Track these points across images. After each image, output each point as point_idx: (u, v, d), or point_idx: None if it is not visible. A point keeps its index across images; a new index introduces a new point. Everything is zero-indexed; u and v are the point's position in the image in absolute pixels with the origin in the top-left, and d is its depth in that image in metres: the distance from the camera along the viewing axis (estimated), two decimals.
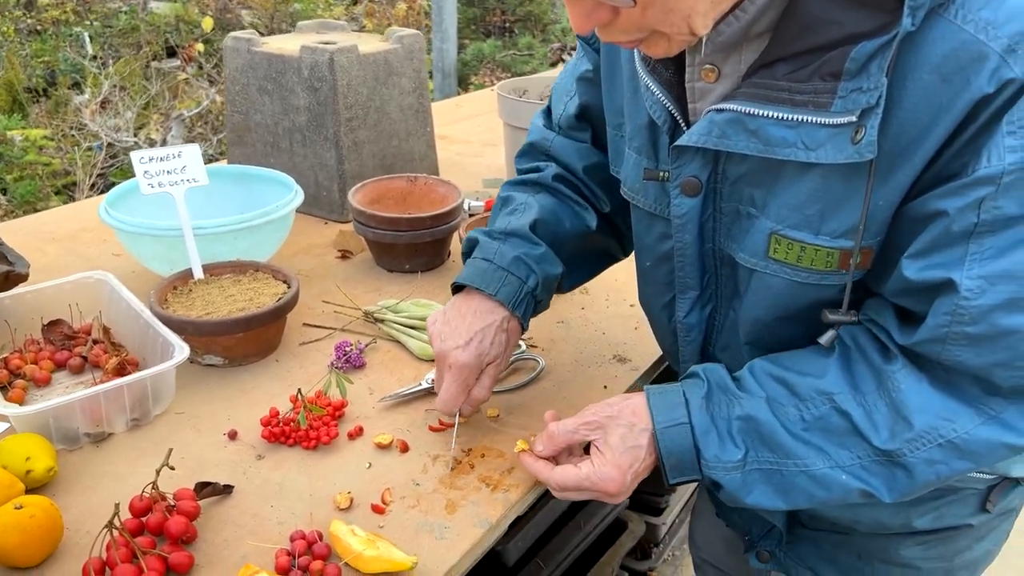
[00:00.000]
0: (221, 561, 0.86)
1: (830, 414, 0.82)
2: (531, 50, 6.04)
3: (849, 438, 0.81)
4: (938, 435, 0.77)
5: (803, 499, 0.84)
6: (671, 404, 0.88)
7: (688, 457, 0.86)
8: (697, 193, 0.88)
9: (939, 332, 0.75)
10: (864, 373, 0.82)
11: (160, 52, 5.63)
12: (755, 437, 0.85)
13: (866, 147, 0.72)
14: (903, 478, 0.80)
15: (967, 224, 0.71)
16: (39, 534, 0.83)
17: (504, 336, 1.02)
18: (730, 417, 0.86)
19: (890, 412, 0.80)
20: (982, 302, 0.72)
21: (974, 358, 0.74)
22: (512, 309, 1.02)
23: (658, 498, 2.03)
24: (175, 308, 1.19)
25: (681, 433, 0.86)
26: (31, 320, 1.22)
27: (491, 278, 1.02)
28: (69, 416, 1.00)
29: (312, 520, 0.92)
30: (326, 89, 1.64)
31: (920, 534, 1.01)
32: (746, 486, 0.85)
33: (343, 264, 1.57)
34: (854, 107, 0.72)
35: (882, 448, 0.79)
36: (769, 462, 0.84)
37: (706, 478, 0.86)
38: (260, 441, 1.04)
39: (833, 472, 0.82)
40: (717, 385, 0.88)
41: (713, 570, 1.45)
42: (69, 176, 4.13)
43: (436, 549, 0.88)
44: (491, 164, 2.17)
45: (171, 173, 1.28)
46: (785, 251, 0.83)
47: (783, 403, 0.84)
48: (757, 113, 0.77)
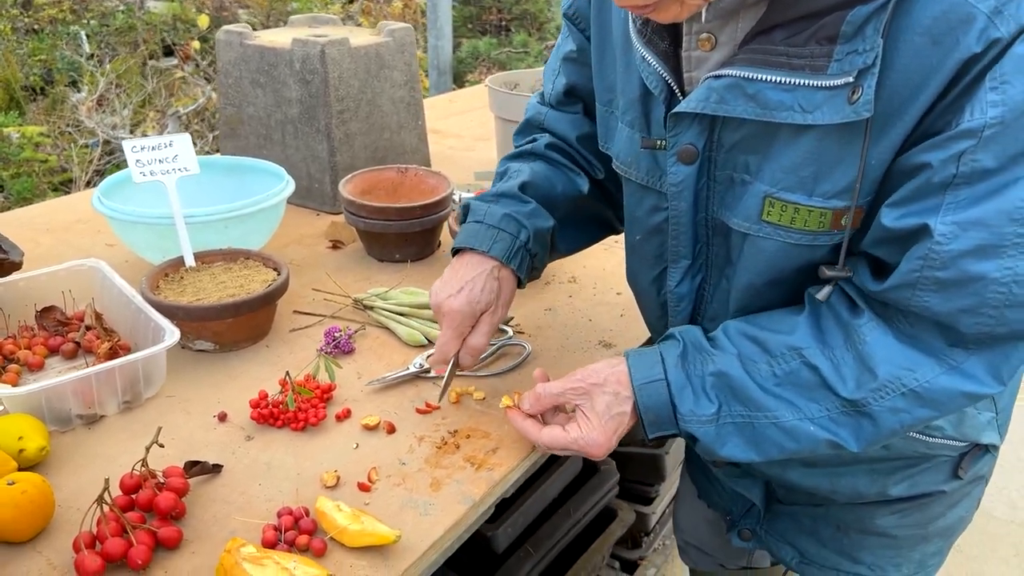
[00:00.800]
0: (210, 537, 0.88)
1: (800, 369, 0.86)
2: (526, 48, 6.06)
3: (818, 391, 0.85)
4: (901, 384, 0.81)
5: (774, 450, 0.88)
6: (649, 363, 0.93)
7: (665, 412, 0.91)
8: (693, 161, 0.90)
9: (911, 277, 0.78)
10: (832, 328, 0.86)
11: (157, 51, 5.65)
12: (727, 392, 0.89)
13: (863, 106, 0.74)
14: (869, 427, 0.84)
15: (946, 175, 0.74)
16: (31, 509, 0.85)
17: (495, 284, 1.05)
18: (704, 373, 0.90)
19: (856, 364, 0.83)
20: (953, 247, 0.75)
21: (941, 304, 0.77)
22: (507, 262, 1.05)
23: (648, 487, 2.05)
24: (166, 294, 1.21)
25: (658, 389, 0.91)
26: (24, 307, 1.24)
27: (483, 236, 1.06)
28: (61, 398, 1.02)
29: (299, 497, 0.93)
30: (318, 81, 1.66)
31: (895, 502, 1.04)
32: (720, 439, 0.89)
33: (334, 254, 1.58)
34: (850, 68, 0.74)
35: (848, 398, 0.83)
36: (741, 415, 0.88)
37: (682, 432, 0.91)
38: (249, 423, 1.06)
39: (802, 424, 0.85)
40: (692, 344, 0.92)
41: (697, 552, 1.47)
42: (66, 173, 4.14)
43: (420, 524, 0.90)
44: (483, 158, 2.19)
45: (163, 162, 1.29)
46: (779, 213, 0.85)
47: (755, 360, 0.88)
48: (755, 77, 0.79)
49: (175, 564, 0.84)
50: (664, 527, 2.14)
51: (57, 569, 0.83)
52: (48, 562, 0.84)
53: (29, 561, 0.84)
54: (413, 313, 1.31)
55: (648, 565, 2.06)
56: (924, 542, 1.08)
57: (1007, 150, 0.72)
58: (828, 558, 1.11)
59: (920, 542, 1.08)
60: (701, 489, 1.32)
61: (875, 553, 1.08)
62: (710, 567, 1.49)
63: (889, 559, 1.09)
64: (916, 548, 1.08)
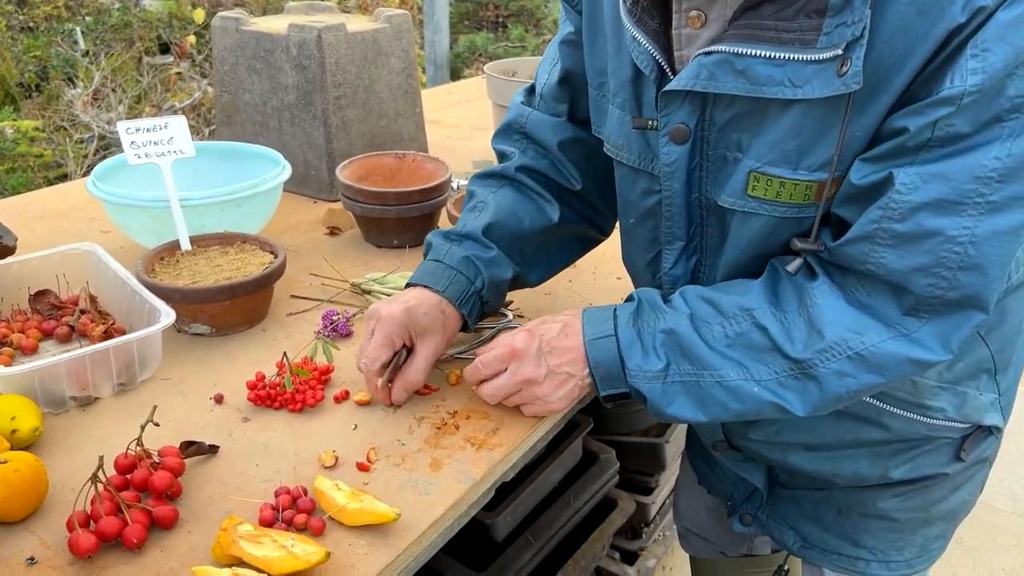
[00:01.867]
0: (206, 517, 0.86)
1: (751, 330, 0.87)
2: (523, 42, 6.05)
3: (767, 354, 0.86)
4: (847, 347, 0.81)
5: (719, 410, 0.88)
6: (601, 319, 0.94)
7: (615, 368, 0.92)
8: (685, 140, 0.89)
9: (869, 228, 0.78)
10: (787, 293, 0.86)
11: (153, 47, 5.63)
12: (676, 350, 0.89)
13: (852, 78, 0.74)
14: (815, 390, 0.84)
15: (921, 140, 0.74)
16: (23, 488, 0.83)
17: (440, 316, 1.03)
18: (655, 331, 0.91)
19: (806, 326, 0.84)
20: (913, 198, 0.75)
21: (897, 260, 0.77)
22: (458, 307, 1.04)
23: (648, 477, 2.04)
24: (162, 277, 1.20)
25: (608, 344, 0.92)
26: (18, 291, 1.22)
27: (440, 276, 1.05)
28: (55, 379, 1.01)
29: (297, 477, 0.92)
30: (314, 67, 1.64)
31: (897, 485, 1.04)
32: (667, 396, 0.90)
33: (331, 240, 1.57)
34: (839, 41, 0.73)
35: (795, 357, 0.83)
36: (689, 374, 0.89)
37: (631, 389, 0.92)
38: (246, 404, 1.05)
39: (746, 384, 0.86)
40: (647, 303, 0.94)
41: (698, 539, 1.47)
42: (61, 168, 4.12)
43: (420, 503, 0.89)
44: (481, 147, 2.17)
45: (158, 144, 1.28)
46: (764, 188, 0.85)
47: (708, 320, 0.89)
48: (745, 52, 0.78)
49: (171, 543, 0.83)
50: (664, 518, 2.13)
51: (51, 548, 0.82)
52: (41, 541, 0.82)
53: (22, 540, 0.83)
54: None
55: (648, 556, 2.05)
56: (926, 525, 1.07)
57: (981, 115, 0.72)
58: (830, 542, 1.10)
59: (922, 525, 1.07)
60: (702, 475, 1.31)
61: (877, 536, 1.07)
62: (710, 554, 1.48)
63: (891, 543, 1.08)
64: (918, 531, 1.08)
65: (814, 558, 1.13)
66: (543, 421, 1.03)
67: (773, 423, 1.02)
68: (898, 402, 0.96)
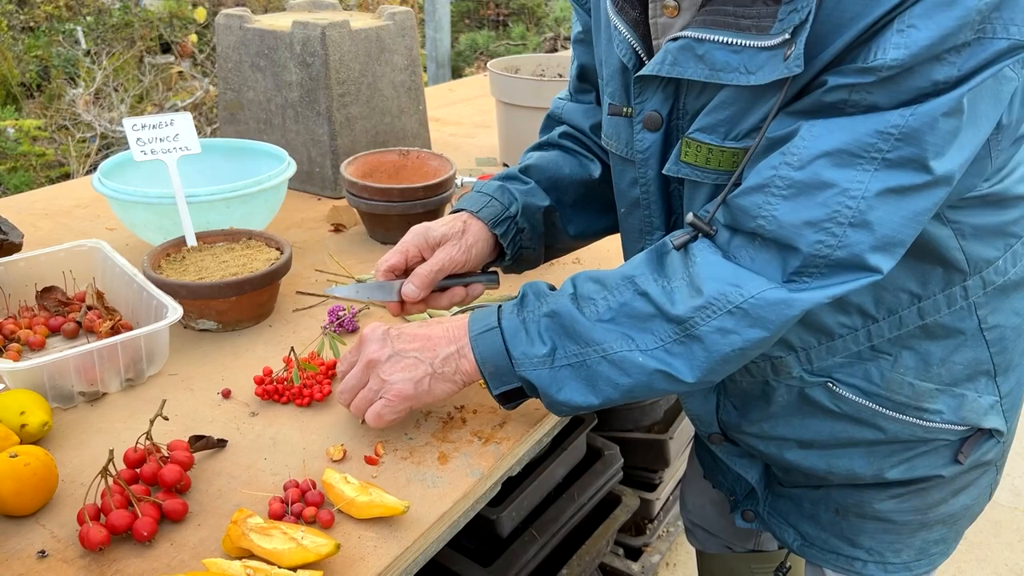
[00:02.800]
0: (215, 510, 0.87)
1: (633, 299, 0.84)
2: (524, 40, 6.05)
3: (651, 321, 0.83)
4: (727, 301, 0.79)
5: (609, 389, 0.85)
6: (485, 314, 0.92)
7: (502, 361, 0.89)
8: (658, 128, 0.90)
9: (767, 174, 0.77)
10: (672, 261, 0.85)
11: (154, 46, 5.64)
12: (560, 332, 0.87)
13: (794, 61, 0.74)
14: (700, 352, 0.81)
15: (836, 99, 0.74)
16: (34, 482, 0.84)
17: (460, 225, 1.05)
18: (538, 316, 0.89)
19: (687, 287, 0.82)
20: (813, 145, 0.74)
21: (789, 213, 0.76)
22: (492, 227, 1.06)
23: (652, 474, 2.05)
24: (168, 274, 1.20)
25: (492, 337, 0.89)
26: (25, 288, 1.22)
27: (475, 200, 1.08)
28: (63, 374, 1.01)
29: (306, 471, 0.92)
30: (318, 64, 1.65)
31: (893, 486, 1.03)
32: (556, 382, 0.87)
33: (336, 237, 1.57)
34: (788, 26, 0.74)
35: (675, 316, 0.81)
36: (575, 355, 0.86)
37: (521, 380, 0.89)
38: (254, 399, 1.05)
39: (631, 354, 0.83)
40: (533, 293, 0.92)
41: (704, 534, 1.47)
42: (63, 167, 4.13)
43: (428, 497, 0.89)
44: (484, 144, 2.18)
45: (164, 141, 1.28)
46: (695, 154, 0.85)
47: (593, 297, 0.87)
48: (704, 38, 0.79)
49: (181, 536, 0.83)
50: (668, 514, 2.13)
51: (61, 541, 0.82)
52: (52, 535, 0.83)
53: (32, 534, 0.83)
54: None
55: (653, 552, 2.05)
56: (924, 528, 1.06)
57: (900, 93, 0.72)
58: (827, 541, 1.10)
59: (920, 528, 1.06)
60: (707, 469, 1.31)
61: (874, 538, 1.06)
62: (717, 549, 1.48)
63: (888, 544, 1.06)
64: (916, 534, 1.06)
65: (813, 557, 1.12)
66: (549, 416, 1.03)
67: (765, 415, 1.01)
68: (895, 405, 0.95)
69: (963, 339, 0.93)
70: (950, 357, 0.93)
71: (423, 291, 1.03)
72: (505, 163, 1.98)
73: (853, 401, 0.95)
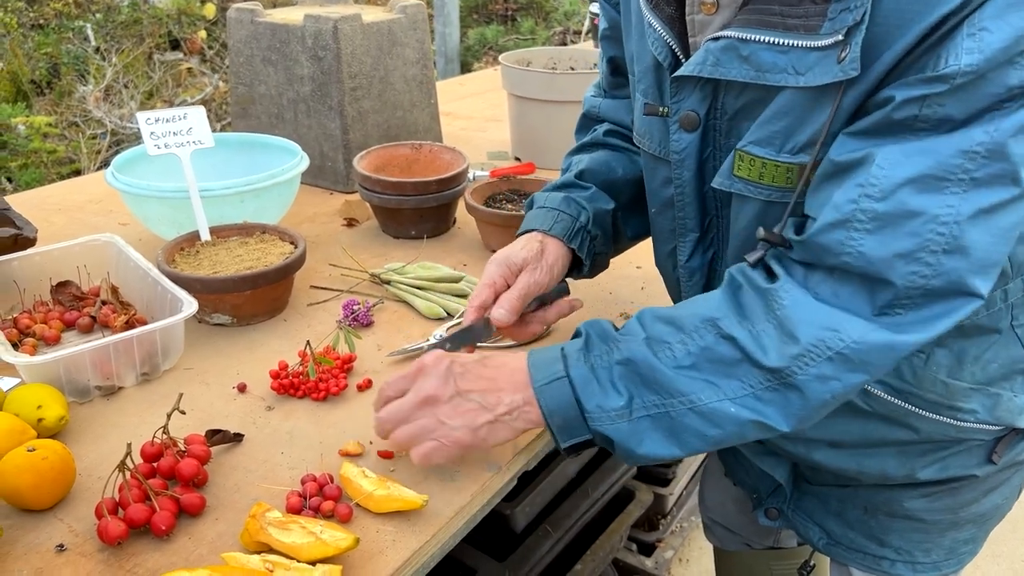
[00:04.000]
0: (232, 504, 0.86)
1: (716, 343, 0.78)
2: (533, 34, 6.04)
3: (738, 367, 0.77)
4: (826, 348, 0.74)
5: (696, 440, 0.79)
6: (548, 360, 0.84)
7: (572, 413, 0.81)
8: (695, 128, 0.88)
9: (847, 209, 0.72)
10: (752, 300, 0.79)
11: (163, 43, 5.64)
12: (636, 380, 0.80)
13: (850, 64, 0.71)
14: (797, 401, 0.76)
15: (907, 115, 0.70)
16: (52, 476, 0.84)
17: (538, 245, 1.03)
18: (610, 364, 0.81)
19: (777, 332, 0.76)
20: (894, 173, 0.70)
21: (876, 247, 0.72)
22: (567, 241, 1.05)
23: (665, 469, 2.04)
24: (182, 268, 1.20)
25: (560, 388, 0.81)
26: (39, 282, 1.22)
27: (544, 218, 1.06)
28: (79, 369, 1.01)
29: (323, 465, 0.92)
30: (330, 58, 1.64)
31: (925, 485, 1.01)
32: (635, 435, 0.80)
33: (349, 231, 1.57)
34: (841, 26, 0.71)
35: (770, 367, 0.75)
36: (656, 405, 0.79)
37: (595, 434, 0.81)
38: (269, 393, 1.05)
39: (721, 405, 0.77)
40: (597, 335, 0.84)
41: (723, 531, 1.45)
42: (74, 164, 4.14)
43: (446, 491, 0.88)
44: (495, 138, 2.17)
45: (177, 135, 1.28)
46: (748, 168, 0.83)
47: (667, 340, 0.80)
48: (750, 38, 0.77)
49: (199, 530, 0.83)
50: (682, 509, 2.13)
51: (79, 535, 0.82)
52: (70, 529, 0.83)
53: (51, 527, 0.83)
54: (431, 286, 1.30)
55: (666, 547, 2.04)
56: (955, 528, 1.04)
57: (974, 102, 0.68)
58: (855, 540, 1.08)
59: (950, 528, 1.04)
60: (728, 467, 1.29)
61: (903, 537, 1.05)
62: (736, 546, 1.47)
63: (917, 543, 1.05)
64: (946, 534, 1.04)
65: (839, 555, 1.10)
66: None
67: None
68: (928, 404, 0.92)
69: (997, 337, 0.91)
70: (983, 355, 0.91)
71: (513, 316, 0.98)
72: (517, 157, 1.97)
73: (885, 400, 0.92)
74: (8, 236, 1.25)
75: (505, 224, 1.42)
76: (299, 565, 0.75)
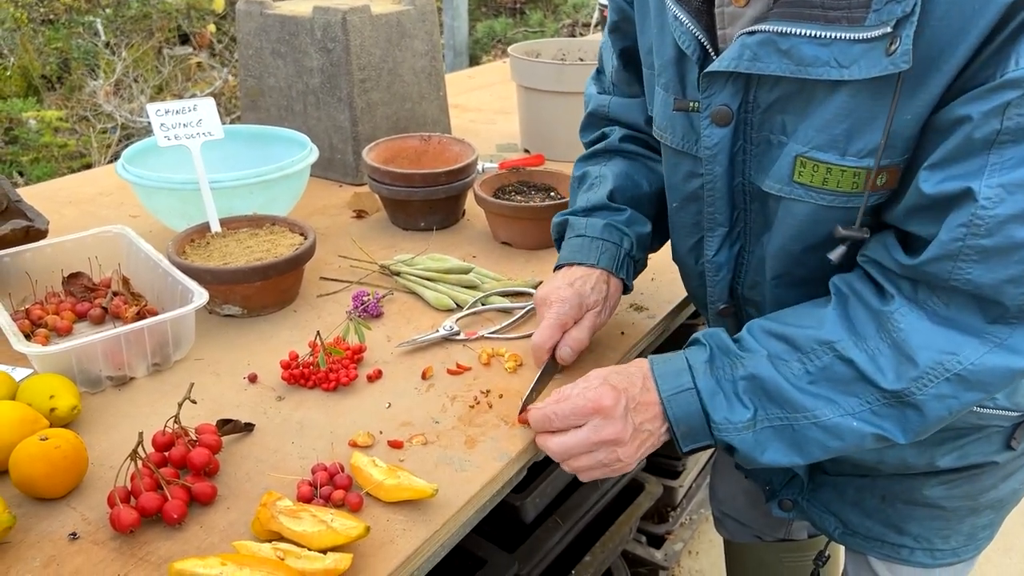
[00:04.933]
0: (244, 494, 0.87)
1: (833, 363, 0.81)
2: (542, 27, 6.02)
3: (855, 385, 0.81)
4: (944, 370, 0.77)
5: (818, 451, 0.83)
6: (675, 371, 0.88)
7: (698, 422, 0.85)
8: (728, 123, 0.86)
9: (952, 247, 0.73)
10: (863, 318, 0.81)
11: (172, 37, 5.65)
12: (761, 395, 0.84)
13: (901, 57, 0.70)
14: (915, 417, 0.79)
15: (989, 132, 0.69)
16: (64, 465, 0.84)
17: (605, 287, 1.05)
18: (735, 378, 0.85)
19: (893, 353, 0.79)
20: (999, 211, 0.70)
21: (985, 274, 0.73)
22: (616, 272, 1.05)
23: (675, 461, 2.03)
24: (193, 259, 1.20)
25: (688, 399, 0.86)
26: (51, 274, 1.23)
27: (588, 249, 1.06)
28: (91, 359, 1.01)
29: (333, 454, 0.92)
30: (339, 50, 1.64)
31: (944, 473, 1.00)
32: (759, 445, 0.84)
33: (358, 223, 1.57)
34: (889, 18, 0.70)
35: (890, 390, 0.78)
36: (779, 418, 0.83)
37: (718, 441, 0.86)
38: (280, 383, 1.05)
39: (844, 420, 0.81)
40: (719, 348, 0.88)
41: (734, 524, 1.45)
42: (84, 158, 4.16)
43: (456, 480, 0.88)
44: (504, 131, 2.17)
45: (187, 126, 1.28)
46: (811, 174, 0.82)
47: (785, 358, 0.84)
48: (789, 32, 0.76)
49: (210, 519, 0.83)
50: (691, 501, 2.12)
51: (92, 524, 0.82)
52: (83, 517, 0.83)
53: (64, 516, 0.83)
54: (440, 278, 1.30)
55: (675, 539, 2.04)
56: (974, 514, 1.04)
57: None
58: (872, 529, 1.08)
59: (970, 514, 1.04)
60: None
61: (922, 524, 1.04)
62: (747, 538, 1.47)
63: (936, 531, 1.05)
64: (965, 520, 1.04)
65: (856, 545, 1.10)
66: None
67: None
68: None
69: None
70: None
71: (577, 355, 1.03)
72: (527, 149, 1.97)
73: None
74: (20, 228, 1.26)
75: (514, 216, 1.41)
76: (310, 553, 0.75)
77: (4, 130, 4.14)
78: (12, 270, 1.20)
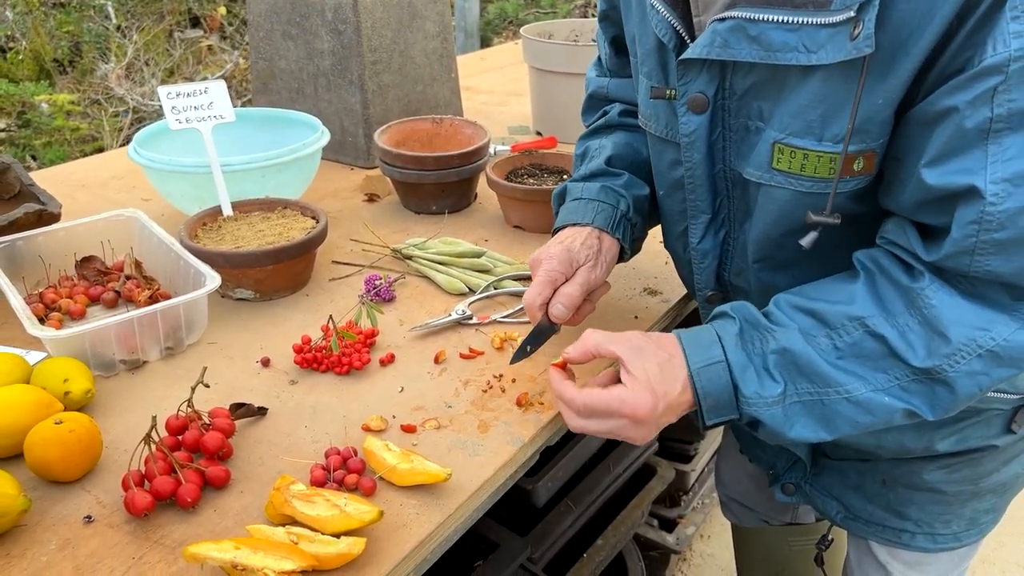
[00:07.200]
0: (257, 477, 0.87)
1: (864, 339, 0.80)
2: (554, 8, 5.97)
3: (885, 360, 0.79)
4: (976, 346, 0.75)
5: (847, 426, 0.82)
6: (706, 343, 0.85)
7: (726, 396, 0.83)
8: (704, 110, 0.86)
9: (967, 243, 0.73)
10: (892, 294, 0.80)
11: (183, 21, 5.64)
12: (792, 369, 0.82)
13: (864, 41, 0.70)
14: (945, 394, 0.78)
15: (981, 120, 0.69)
16: (79, 448, 0.84)
17: (596, 243, 1.02)
18: (765, 352, 0.83)
19: (924, 330, 0.77)
20: (1008, 206, 0.70)
21: (1003, 264, 0.72)
22: (611, 232, 1.03)
23: (687, 445, 2.03)
24: (205, 243, 1.20)
25: (718, 371, 0.83)
26: (64, 257, 1.23)
27: (583, 210, 1.04)
28: (105, 343, 1.01)
29: (346, 439, 0.92)
30: (350, 31, 1.63)
31: (943, 457, 1.00)
32: (788, 420, 0.82)
33: (370, 207, 1.56)
34: (852, 2, 0.70)
35: (920, 367, 0.77)
36: (809, 393, 0.82)
37: (744, 416, 0.84)
38: (293, 367, 1.05)
39: (876, 395, 0.79)
40: (747, 321, 0.86)
41: (740, 508, 1.45)
42: (96, 141, 4.16)
43: (469, 465, 0.88)
44: (516, 112, 2.15)
45: (198, 109, 1.27)
46: (788, 160, 0.81)
47: (814, 333, 0.82)
48: (758, 18, 0.76)
49: (224, 503, 0.83)
50: (703, 485, 2.12)
51: (107, 507, 0.82)
52: (97, 500, 0.83)
53: (78, 499, 0.84)
54: (453, 262, 1.29)
55: (687, 523, 2.04)
56: (975, 499, 1.04)
57: None
58: (874, 513, 1.08)
59: (971, 498, 1.04)
60: (744, 443, 1.29)
61: (923, 509, 1.04)
62: (753, 523, 1.46)
63: (937, 515, 1.05)
64: (967, 504, 1.04)
65: (858, 529, 1.10)
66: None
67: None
68: None
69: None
70: None
71: (571, 312, 0.99)
72: (539, 131, 1.95)
73: None
74: (33, 212, 1.26)
75: (527, 199, 1.40)
76: (323, 537, 0.75)
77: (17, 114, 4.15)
78: (25, 254, 1.20)
